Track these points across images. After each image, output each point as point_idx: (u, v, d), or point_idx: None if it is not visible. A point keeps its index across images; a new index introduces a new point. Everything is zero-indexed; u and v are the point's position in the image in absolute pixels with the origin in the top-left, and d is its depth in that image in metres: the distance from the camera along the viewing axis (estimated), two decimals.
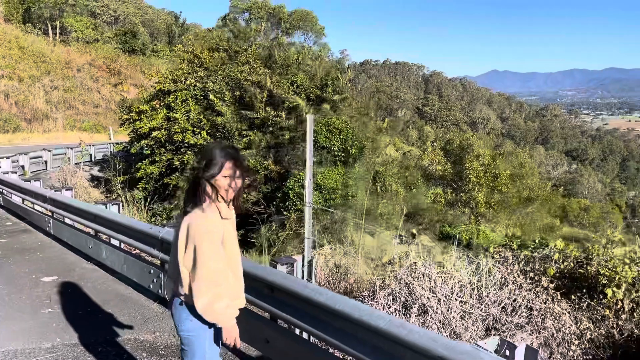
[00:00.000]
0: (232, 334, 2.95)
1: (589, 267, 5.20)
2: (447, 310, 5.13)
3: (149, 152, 18.88)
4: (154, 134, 18.39)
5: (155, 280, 6.54)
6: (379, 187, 14.18)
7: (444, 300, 5.15)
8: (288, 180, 13.62)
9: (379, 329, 3.66)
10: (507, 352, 3.17)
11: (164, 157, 18.11)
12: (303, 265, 5.48)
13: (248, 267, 4.93)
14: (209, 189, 2.85)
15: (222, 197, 2.89)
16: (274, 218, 13.14)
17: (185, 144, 17.81)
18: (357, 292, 5.99)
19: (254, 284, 4.89)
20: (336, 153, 13.72)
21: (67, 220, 9.62)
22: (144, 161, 18.77)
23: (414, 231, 12.34)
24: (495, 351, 3.20)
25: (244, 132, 16.42)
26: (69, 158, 25.25)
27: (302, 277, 5.41)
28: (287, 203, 13.30)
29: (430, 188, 28.91)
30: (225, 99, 17.53)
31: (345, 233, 10.39)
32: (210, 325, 2.95)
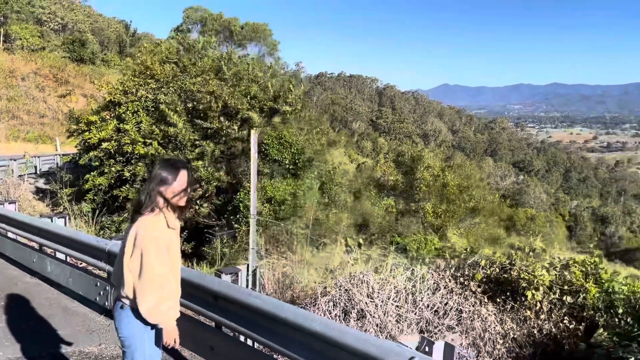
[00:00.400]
0: (172, 335, 3.16)
1: (512, 272, 5.68)
2: (384, 314, 5.46)
3: (97, 163, 18.54)
4: (104, 145, 18.09)
5: (101, 293, 6.57)
6: (327, 198, 14.55)
7: (381, 305, 5.48)
8: (238, 193, 13.77)
9: (316, 332, 3.94)
10: (427, 348, 3.50)
11: (113, 169, 17.83)
12: (248, 274, 5.68)
13: (193, 276, 5.11)
14: (158, 199, 3.07)
15: (172, 207, 3.12)
16: (225, 230, 13.25)
17: (136, 156, 17.60)
18: (301, 300, 6.24)
19: (199, 293, 5.06)
20: (287, 166, 14.00)
21: (9, 234, 9.42)
22: (92, 173, 18.41)
23: (361, 241, 12.74)
24: (417, 348, 3.53)
25: (197, 143, 16.45)
26: (12, 170, 24.36)
27: (247, 286, 5.61)
28: (237, 215, 13.44)
29: (383, 199, 29.60)
30: (178, 109, 17.50)
31: (293, 243, 10.64)
32: (152, 326, 3.14)
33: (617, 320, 5.15)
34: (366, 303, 5.43)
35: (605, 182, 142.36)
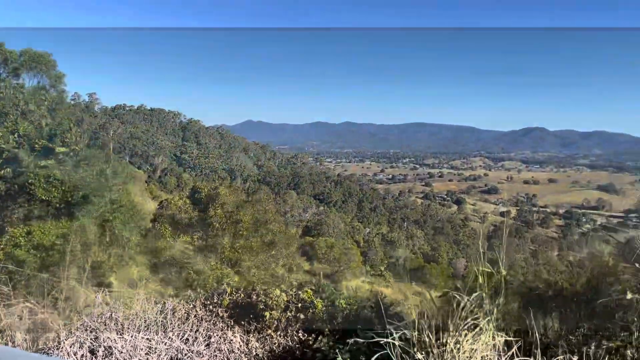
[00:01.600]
0: None
1: (253, 297, 6.43)
2: (134, 348, 5.69)
3: None
4: None
5: None
6: (109, 237, 14.04)
7: (130, 340, 5.70)
8: None
9: None
10: None
11: None
12: None
13: None
14: None
15: None
16: None
17: None
18: (46, 345, 6.08)
19: None
20: (58, 205, 13.16)
21: None
22: None
23: (111, 280, 12.53)
24: None
25: None
26: None
27: None
28: None
29: (180, 236, 29.20)
30: None
31: (56, 289, 10.05)
32: None
33: (336, 327, 6.23)
34: (114, 340, 5.60)
35: (391, 210, 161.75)
